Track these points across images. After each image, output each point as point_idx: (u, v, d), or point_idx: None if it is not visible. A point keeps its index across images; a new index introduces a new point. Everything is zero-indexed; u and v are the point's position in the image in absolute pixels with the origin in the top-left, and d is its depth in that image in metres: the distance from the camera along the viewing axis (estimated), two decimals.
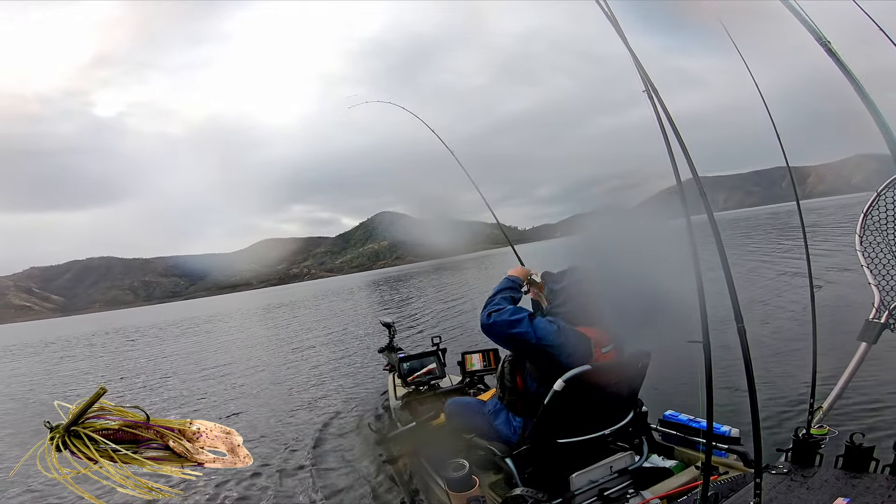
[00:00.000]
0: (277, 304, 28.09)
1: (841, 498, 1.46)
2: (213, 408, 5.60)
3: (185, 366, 9.12)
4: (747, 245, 16.35)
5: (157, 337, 17.67)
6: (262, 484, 3.26)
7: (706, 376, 1.32)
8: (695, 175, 1.36)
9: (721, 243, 1.32)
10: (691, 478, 1.88)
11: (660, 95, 1.39)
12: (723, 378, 2.82)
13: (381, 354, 4.42)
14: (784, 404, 3.31)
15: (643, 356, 2.00)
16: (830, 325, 2.16)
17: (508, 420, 2.08)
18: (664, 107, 1.39)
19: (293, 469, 3.48)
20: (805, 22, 1.58)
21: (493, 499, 2.00)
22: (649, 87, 1.41)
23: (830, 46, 1.58)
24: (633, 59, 1.44)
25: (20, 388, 8.89)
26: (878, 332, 1.72)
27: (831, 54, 1.57)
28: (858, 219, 1.79)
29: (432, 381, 3.56)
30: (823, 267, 8.40)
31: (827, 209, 33.00)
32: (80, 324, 47.04)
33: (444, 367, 3.67)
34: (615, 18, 1.49)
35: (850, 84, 1.53)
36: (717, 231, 1.33)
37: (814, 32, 1.58)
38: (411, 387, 3.51)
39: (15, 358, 16.78)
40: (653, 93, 1.40)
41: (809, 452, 1.75)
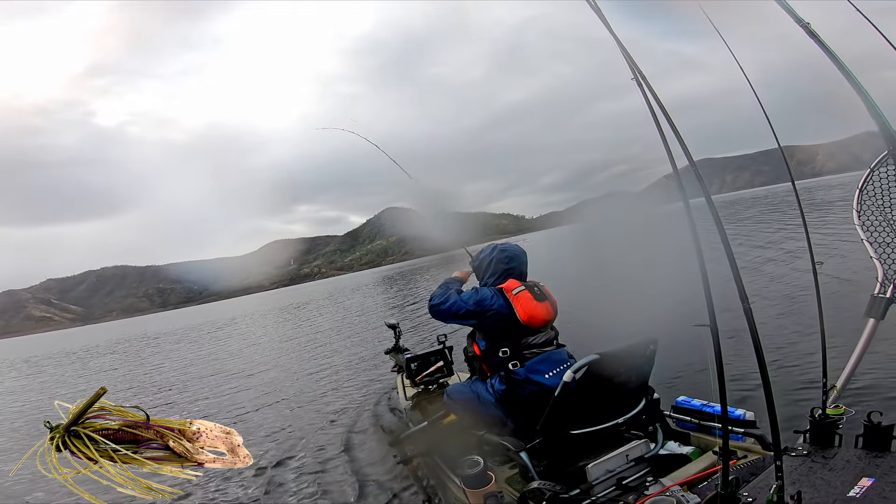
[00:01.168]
0: (293, 306, 27.97)
1: (865, 478, 1.43)
2: (218, 412, 5.60)
3: (195, 368, 9.15)
4: (753, 224, 16.26)
5: (179, 343, 17.61)
6: (275, 488, 3.24)
7: (716, 360, 1.30)
8: (689, 159, 1.34)
9: (721, 224, 1.30)
10: (709, 463, 1.85)
11: (648, 82, 1.37)
12: (732, 362, 2.79)
13: (389, 356, 4.40)
14: (796, 385, 3.27)
15: (650, 342, 1.98)
16: (837, 302, 2.13)
17: (486, 387, 2.31)
18: (654, 93, 1.37)
19: (307, 473, 3.47)
20: (783, 4, 1.57)
21: (511, 494, 1.98)
22: (637, 75, 1.39)
23: (811, 28, 1.56)
24: (619, 47, 1.42)
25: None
26: (885, 307, 1.69)
27: (812, 35, 1.56)
28: (854, 194, 1.77)
29: (441, 379, 3.55)
30: (835, 241, 8.28)
31: (844, 185, 32.58)
32: (106, 332, 46.68)
33: (451, 364, 3.65)
34: (598, 8, 1.47)
35: (834, 65, 1.52)
36: (716, 213, 1.31)
37: (793, 15, 1.57)
38: (420, 387, 3.49)
39: (60, 365, 16.85)
40: (641, 80, 1.38)
41: (828, 433, 1.72)
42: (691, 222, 1.28)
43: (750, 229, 14.99)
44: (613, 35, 1.42)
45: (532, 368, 2.21)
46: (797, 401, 2.99)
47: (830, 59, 1.53)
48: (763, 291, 6.46)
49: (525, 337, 2.26)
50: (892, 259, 1.68)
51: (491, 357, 2.29)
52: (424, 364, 3.61)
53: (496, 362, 2.28)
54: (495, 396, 2.25)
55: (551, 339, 2.36)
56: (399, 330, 4.38)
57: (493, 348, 2.28)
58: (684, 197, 1.31)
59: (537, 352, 2.26)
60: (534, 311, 2.24)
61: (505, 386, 2.22)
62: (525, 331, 2.26)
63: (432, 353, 3.66)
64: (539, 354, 2.26)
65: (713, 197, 1.36)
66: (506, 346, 2.25)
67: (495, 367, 2.29)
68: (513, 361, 2.23)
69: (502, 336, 2.27)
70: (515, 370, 2.21)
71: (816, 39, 1.55)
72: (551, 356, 2.27)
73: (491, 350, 2.28)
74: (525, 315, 2.22)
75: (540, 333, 2.30)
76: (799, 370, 3.53)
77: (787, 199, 25.62)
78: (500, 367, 2.26)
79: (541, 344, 2.29)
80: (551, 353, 2.29)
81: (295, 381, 6.90)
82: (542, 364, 2.23)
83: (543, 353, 2.28)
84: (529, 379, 2.19)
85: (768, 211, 23.38)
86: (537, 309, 2.25)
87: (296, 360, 8.65)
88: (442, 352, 3.66)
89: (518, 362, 2.23)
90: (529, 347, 2.26)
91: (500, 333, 2.27)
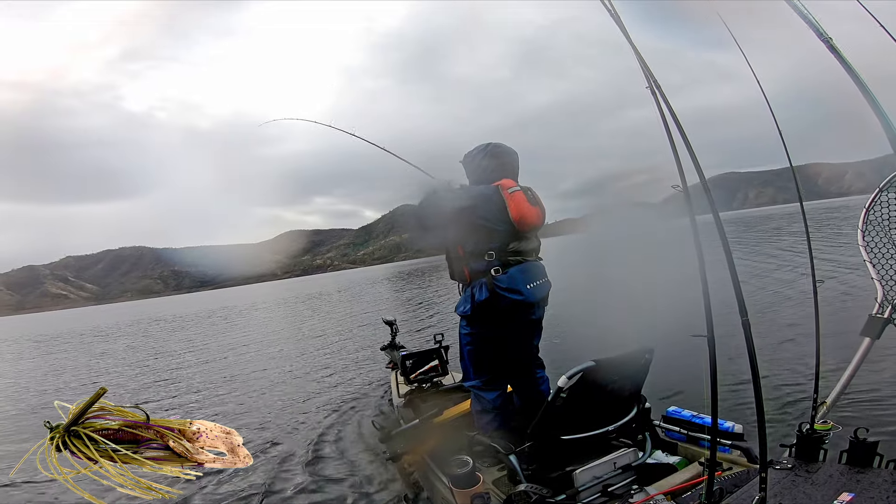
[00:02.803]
0: (304, 296, 27.86)
1: (846, 493, 1.46)
2: (214, 407, 5.62)
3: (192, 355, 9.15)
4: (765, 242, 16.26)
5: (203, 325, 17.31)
6: (264, 482, 3.27)
7: (711, 371, 1.32)
8: (698, 170, 1.36)
9: (725, 238, 1.32)
10: (695, 473, 1.87)
11: (663, 91, 1.38)
12: (725, 373, 2.81)
13: (384, 352, 4.42)
14: (787, 400, 3.30)
15: (647, 351, 2.00)
16: (834, 321, 2.15)
17: (465, 298, 2.30)
18: (668, 103, 1.38)
19: (295, 466, 3.49)
20: (805, 18, 1.58)
21: (497, 495, 2.00)
22: (652, 83, 1.40)
23: (832, 43, 1.57)
24: (635, 55, 1.43)
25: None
26: (882, 328, 1.72)
27: (833, 51, 1.56)
28: (860, 214, 1.79)
29: (435, 378, 3.56)
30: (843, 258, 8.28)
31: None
32: (121, 312, 45.93)
33: (446, 364, 3.67)
34: (617, 15, 1.48)
35: (852, 80, 1.53)
36: (722, 227, 1.33)
37: (815, 28, 1.58)
38: (414, 384, 3.51)
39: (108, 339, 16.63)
40: (656, 88, 1.39)
41: (813, 448, 1.75)
42: (695, 234, 1.30)
43: (762, 245, 15.02)
44: (630, 42, 1.44)
45: (514, 277, 2.20)
46: (787, 415, 3.02)
47: (850, 76, 1.54)
48: (763, 305, 6.51)
49: (512, 241, 2.24)
50: (894, 281, 1.69)
51: (476, 261, 2.24)
52: (419, 362, 3.62)
53: (480, 267, 2.23)
54: (472, 307, 2.23)
55: (535, 248, 2.36)
56: (396, 327, 4.40)
57: (478, 251, 2.23)
58: (689, 207, 1.33)
59: (520, 260, 2.25)
60: (527, 213, 2.20)
61: (488, 294, 2.19)
62: (513, 234, 2.23)
63: (428, 352, 3.68)
64: (522, 263, 2.25)
65: (736, 212, 1.37)
66: (492, 249, 2.21)
67: (477, 273, 2.25)
68: (495, 267, 2.21)
69: (490, 238, 2.21)
70: (498, 276, 2.20)
71: (837, 55, 1.56)
72: (532, 267, 2.28)
73: (476, 253, 2.23)
74: (517, 215, 2.18)
75: (525, 240, 2.29)
76: (791, 385, 3.56)
77: (811, 217, 25.51)
78: (483, 274, 2.22)
79: (526, 251, 2.28)
80: (533, 264, 2.30)
81: (291, 374, 6.93)
82: (525, 274, 2.23)
83: (527, 262, 2.27)
84: (511, 287, 2.18)
85: (785, 224, 23.36)
86: (531, 211, 2.22)
87: (295, 354, 8.66)
88: (438, 350, 3.68)
89: (500, 268, 2.21)
90: (515, 254, 2.24)
91: (489, 234, 2.21)
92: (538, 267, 2.33)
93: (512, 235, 2.23)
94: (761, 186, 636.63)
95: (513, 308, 2.21)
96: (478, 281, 2.24)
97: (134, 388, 7.33)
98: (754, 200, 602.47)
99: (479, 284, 2.23)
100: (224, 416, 5.16)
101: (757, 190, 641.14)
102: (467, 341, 2.39)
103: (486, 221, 2.20)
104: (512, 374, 2.46)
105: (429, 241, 2.43)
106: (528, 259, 2.29)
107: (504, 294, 2.18)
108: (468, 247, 2.26)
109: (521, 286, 2.20)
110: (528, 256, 2.30)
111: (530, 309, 2.29)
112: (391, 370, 4.15)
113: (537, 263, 2.34)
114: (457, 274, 2.37)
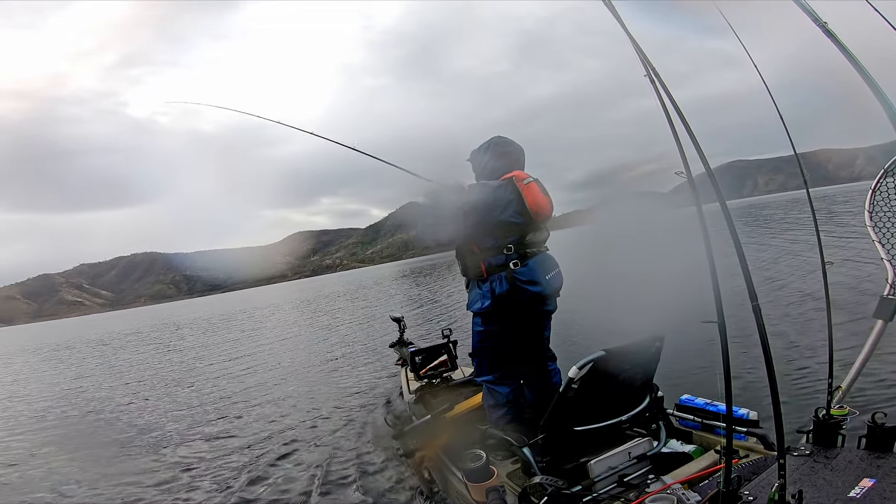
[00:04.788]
0: (314, 297, 27.91)
1: (867, 478, 1.44)
2: (224, 405, 5.66)
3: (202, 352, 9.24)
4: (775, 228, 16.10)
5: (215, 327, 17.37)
6: (278, 481, 3.29)
7: (723, 357, 1.30)
8: (703, 159, 1.34)
9: (733, 225, 1.30)
10: (711, 462, 1.86)
11: (662, 80, 1.36)
12: (737, 360, 2.78)
13: (393, 349, 4.43)
14: (802, 385, 3.26)
15: (657, 339, 1.99)
16: (851, 304, 2.12)
17: (481, 294, 2.28)
18: (667, 91, 1.36)
19: (310, 465, 3.51)
20: (799, 2, 1.55)
21: (512, 488, 2.00)
22: (650, 71, 1.38)
23: (828, 27, 1.54)
24: (632, 43, 1.41)
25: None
26: (894, 309, 1.69)
27: (829, 35, 1.54)
28: (867, 195, 1.76)
29: (445, 373, 3.57)
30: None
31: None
32: (141, 317, 45.74)
33: (455, 358, 3.67)
34: (612, 4, 1.46)
35: (851, 64, 1.51)
36: (729, 215, 1.32)
37: (810, 14, 1.55)
38: (424, 380, 3.52)
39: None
40: (654, 77, 1.37)
41: (831, 433, 1.73)
42: (702, 221, 1.29)
43: (773, 230, 14.87)
44: (626, 31, 1.42)
45: (533, 268, 2.21)
46: (803, 401, 2.99)
47: (849, 60, 1.51)
48: (773, 291, 6.44)
49: (529, 233, 2.24)
50: None
51: (494, 255, 2.21)
52: (429, 358, 3.64)
53: (499, 261, 2.20)
54: (490, 302, 2.22)
55: (545, 239, 2.37)
56: (404, 324, 4.41)
57: (496, 246, 2.20)
58: (695, 194, 1.31)
59: (535, 251, 2.26)
60: (543, 203, 2.21)
61: (508, 286, 2.18)
62: (529, 225, 2.23)
63: (436, 347, 3.68)
64: (538, 254, 2.26)
65: (745, 199, 1.36)
66: (510, 242, 2.20)
67: (495, 267, 2.22)
68: (514, 260, 2.20)
69: (507, 231, 2.19)
70: (517, 269, 2.19)
71: (834, 39, 1.53)
72: (547, 258, 2.30)
73: (494, 248, 2.21)
74: (534, 205, 2.18)
75: (539, 231, 2.30)
76: (805, 370, 3.52)
77: (820, 205, 25.36)
78: (502, 268, 2.20)
79: (538, 243, 2.30)
80: (547, 255, 2.31)
81: (304, 371, 6.97)
82: (542, 265, 2.24)
83: (542, 252, 2.29)
84: (532, 280, 2.19)
85: (795, 212, 23.14)
86: (545, 201, 2.23)
87: (305, 352, 8.72)
88: (446, 345, 3.68)
89: (518, 261, 2.20)
90: (531, 245, 2.25)
91: (506, 228, 2.19)
92: (551, 258, 2.34)
93: (528, 227, 2.24)
94: (771, 174, 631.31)
95: (532, 300, 2.22)
96: (496, 275, 2.23)
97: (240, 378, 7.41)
98: (764, 188, 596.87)
99: (498, 278, 2.22)
100: (238, 414, 5.19)
101: (766, 177, 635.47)
102: (482, 338, 2.39)
103: (504, 215, 2.19)
104: (525, 367, 2.46)
105: (441, 241, 2.41)
106: (540, 250, 2.30)
107: (525, 287, 2.19)
108: (486, 243, 2.23)
109: (540, 278, 2.21)
110: (540, 248, 2.31)
111: (545, 301, 2.30)
112: (401, 367, 4.16)
113: (550, 254, 2.35)
114: (471, 270, 2.34)
